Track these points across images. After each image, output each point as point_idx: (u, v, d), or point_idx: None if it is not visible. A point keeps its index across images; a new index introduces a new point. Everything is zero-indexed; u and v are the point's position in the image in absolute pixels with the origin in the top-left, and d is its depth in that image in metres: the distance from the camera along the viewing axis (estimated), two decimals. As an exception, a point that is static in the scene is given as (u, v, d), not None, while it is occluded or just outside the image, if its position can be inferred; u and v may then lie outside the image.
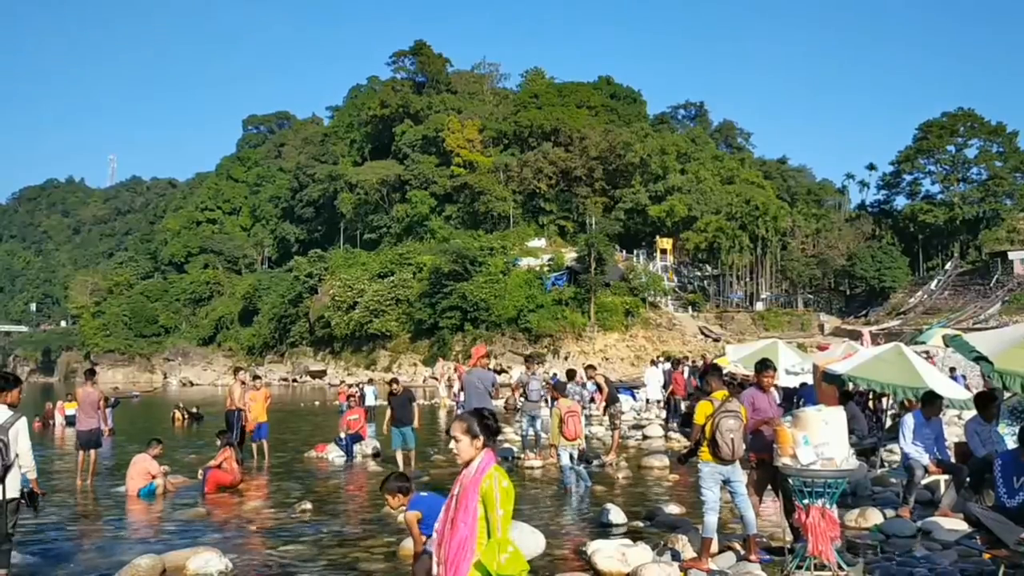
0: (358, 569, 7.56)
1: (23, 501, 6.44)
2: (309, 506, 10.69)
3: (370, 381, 36.89)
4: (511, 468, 14.01)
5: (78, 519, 10.66)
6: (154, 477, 12.26)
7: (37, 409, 28.69)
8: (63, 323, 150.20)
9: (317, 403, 41.24)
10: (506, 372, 44.56)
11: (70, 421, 24.15)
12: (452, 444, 3.92)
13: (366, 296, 78.07)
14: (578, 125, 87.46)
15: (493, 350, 55.68)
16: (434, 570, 3.89)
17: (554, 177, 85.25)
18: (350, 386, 32.51)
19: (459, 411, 28.27)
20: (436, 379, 54.69)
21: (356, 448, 16.38)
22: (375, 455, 16.51)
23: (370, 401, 25.20)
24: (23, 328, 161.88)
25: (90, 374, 15.30)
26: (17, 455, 6.30)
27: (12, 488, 6.26)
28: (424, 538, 5.71)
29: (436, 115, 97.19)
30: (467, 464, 3.87)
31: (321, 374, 79.35)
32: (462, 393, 17.47)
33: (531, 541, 7.68)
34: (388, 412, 14.75)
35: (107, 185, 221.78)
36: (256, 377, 18.10)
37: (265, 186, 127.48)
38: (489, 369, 13.71)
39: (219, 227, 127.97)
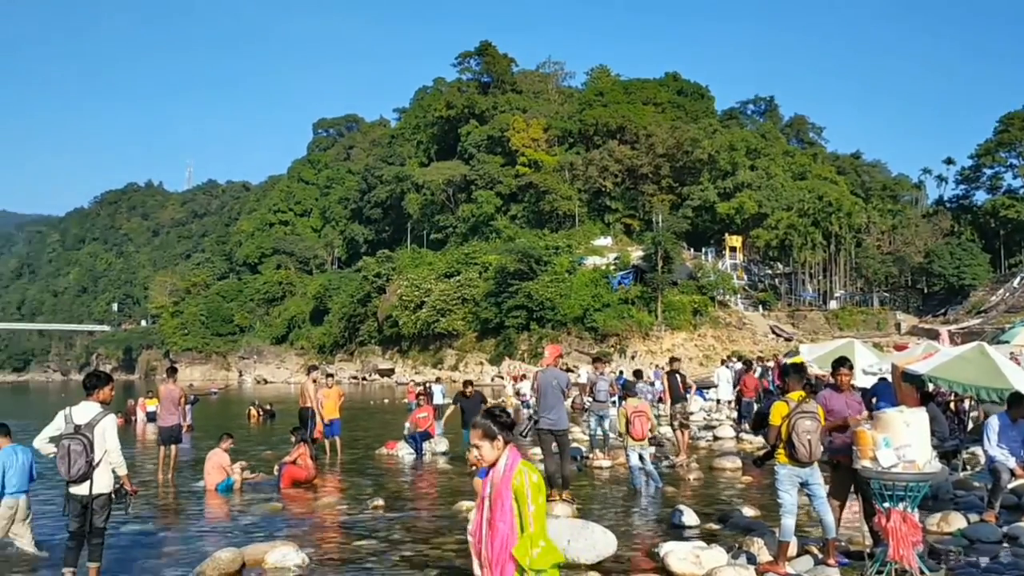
0: (431, 565, 7.63)
1: (112, 497, 6.61)
2: (381, 502, 10.83)
3: (437, 380, 37.17)
4: (580, 468, 13.97)
5: (160, 512, 11.00)
6: (229, 471, 12.57)
7: (119, 406, 29.72)
8: (143, 322, 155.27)
9: (386, 401, 41.78)
10: (573, 372, 44.38)
11: (151, 417, 24.96)
12: (474, 452, 3.95)
13: (433, 295, 78.71)
14: (644, 122, 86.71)
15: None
16: (476, 572, 3.90)
17: (620, 175, 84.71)
18: (418, 384, 32.85)
19: (525, 411, 28.31)
20: (502, 378, 54.94)
21: (425, 446, 16.53)
22: (444, 453, 16.66)
23: (438, 400, 25.35)
24: (106, 327, 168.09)
25: (172, 372, 15.79)
26: (106, 451, 6.46)
27: (100, 484, 6.45)
28: None
29: (501, 115, 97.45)
30: (493, 465, 3.88)
31: (389, 372, 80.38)
32: (532, 392, 17.48)
33: (602, 541, 7.64)
34: (452, 409, 14.91)
35: (184, 189, 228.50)
36: (329, 375, 18.42)
37: (335, 188, 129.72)
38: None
39: (291, 228, 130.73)
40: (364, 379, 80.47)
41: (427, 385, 29.53)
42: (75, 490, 6.41)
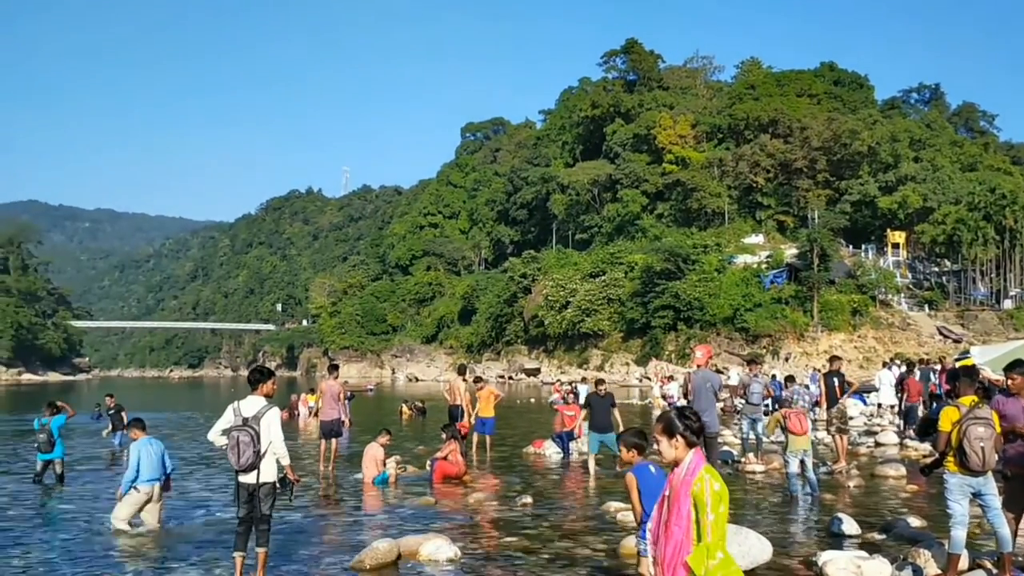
0: (580, 564, 7.64)
1: (277, 486, 6.99)
2: (530, 500, 10.95)
3: (583, 380, 37.20)
4: (732, 473, 13.63)
5: (321, 503, 11.57)
6: (380, 466, 13.04)
7: (283, 401, 31.45)
8: (304, 322, 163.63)
9: (532, 400, 42.12)
10: (723, 373, 43.33)
11: (312, 412, 26.24)
12: (655, 445, 3.91)
13: (578, 295, 78.81)
14: (798, 115, 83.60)
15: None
16: (651, 569, 3.89)
17: (772, 170, 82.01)
18: (564, 384, 33.03)
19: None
20: (649, 379, 54.31)
21: (572, 446, 16.56)
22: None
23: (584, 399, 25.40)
24: (271, 326, 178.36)
25: (333, 369, 16.55)
26: (270, 442, 6.80)
27: (266, 473, 6.83)
28: (640, 507, 5.66)
29: (648, 112, 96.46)
30: (675, 465, 3.83)
31: (535, 372, 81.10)
32: (681, 394, 17.17)
33: (757, 548, 7.43)
34: (584, 412, 14.70)
35: (341, 194, 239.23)
36: (478, 379, 18.71)
37: (482, 190, 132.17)
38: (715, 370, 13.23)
39: (440, 231, 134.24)
40: (510, 378, 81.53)
41: (573, 385, 29.61)
42: (243, 479, 6.80)
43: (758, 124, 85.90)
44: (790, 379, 13.79)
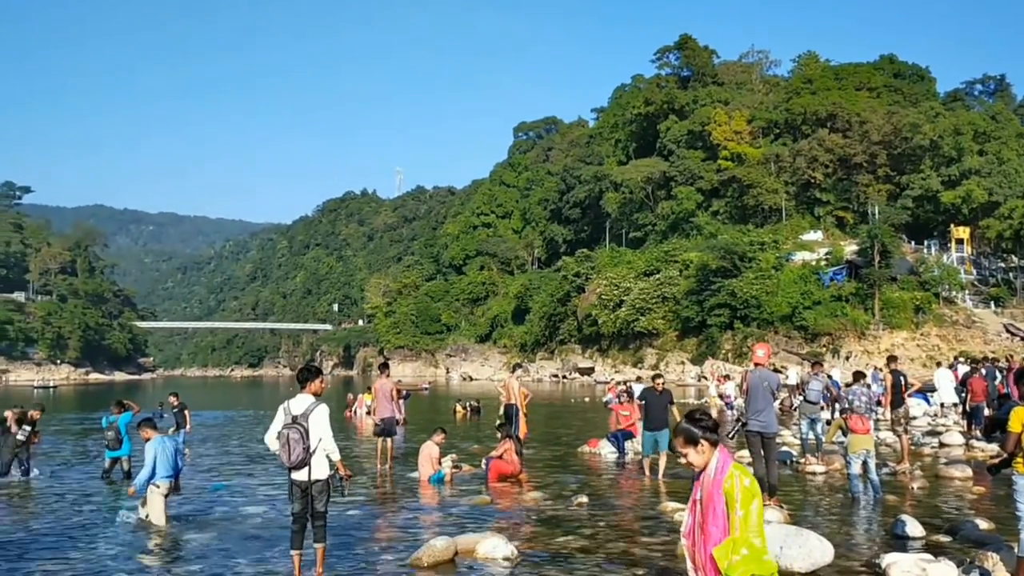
0: (637, 564, 7.62)
1: (330, 482, 7.10)
2: (585, 499, 10.93)
3: (638, 379, 36.97)
4: (791, 473, 13.43)
5: (378, 501, 11.72)
6: (435, 465, 13.16)
7: (340, 400, 31.91)
8: (360, 322, 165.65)
9: (587, 399, 42.04)
10: (781, 372, 42.73)
11: (369, 411, 26.58)
12: (681, 460, 3.91)
13: (632, 294, 78.35)
14: (857, 108, 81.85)
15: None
16: (690, 574, 3.89)
17: (831, 165, 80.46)
18: (619, 383, 32.86)
19: (730, 412, 27.57)
20: (706, 379, 53.75)
21: (628, 445, 16.50)
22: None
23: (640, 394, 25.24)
24: (327, 326, 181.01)
25: (384, 367, 16.75)
26: (320, 439, 6.87)
27: (318, 470, 6.93)
28: None
29: (702, 108, 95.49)
30: (703, 469, 3.84)
31: (589, 371, 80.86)
32: (737, 393, 16.96)
33: (818, 549, 7.32)
34: (636, 407, 14.53)
35: (395, 195, 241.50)
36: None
37: (534, 189, 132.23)
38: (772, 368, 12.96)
39: (493, 230, 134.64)
40: (564, 377, 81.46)
41: (628, 384, 29.46)
42: (296, 476, 6.91)
43: (816, 119, 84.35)
44: (858, 375, 13.35)
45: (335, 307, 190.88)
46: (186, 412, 19.93)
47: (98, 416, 27.02)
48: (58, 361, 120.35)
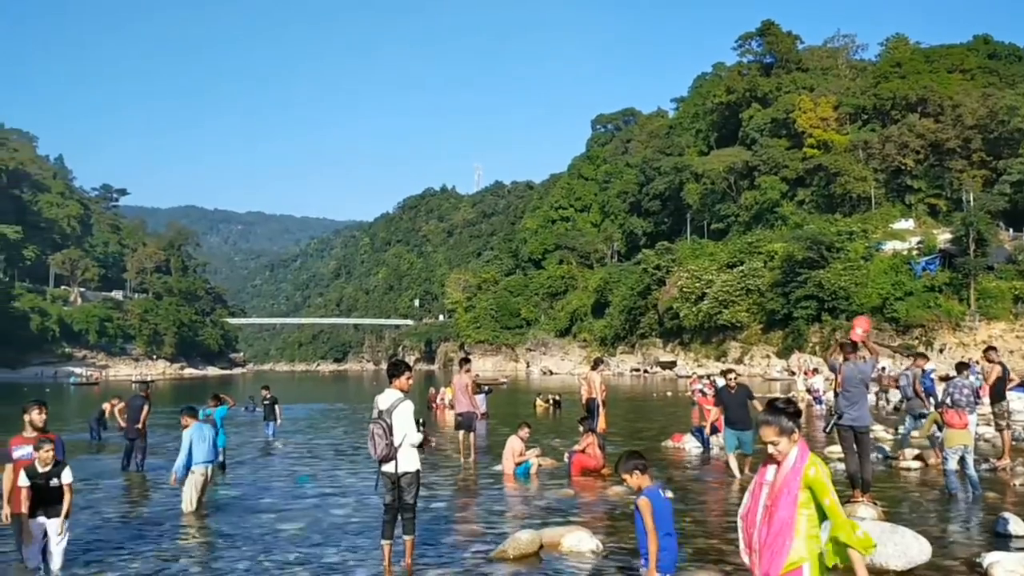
0: (725, 561, 7.47)
1: (419, 473, 7.17)
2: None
3: (722, 373, 36.43)
4: (885, 469, 13.00)
5: (463, 493, 11.80)
6: (515, 457, 13.18)
7: (422, 394, 32.34)
8: (441, 317, 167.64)
9: (669, 394, 41.58)
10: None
11: (448, 405, 26.87)
12: (770, 449, 3.88)
13: (715, 287, 77.23)
14: (950, 92, 78.70)
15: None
16: (744, 559, 3.89)
17: (922, 151, 77.57)
18: (701, 377, 32.40)
19: (818, 407, 26.85)
20: (792, 373, 52.50)
21: (712, 440, 16.22)
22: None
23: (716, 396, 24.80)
24: (409, 322, 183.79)
25: (463, 362, 16.87)
26: (404, 435, 6.97)
27: (405, 463, 7.02)
28: (655, 533, 5.32)
29: (786, 96, 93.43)
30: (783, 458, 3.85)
31: (671, 365, 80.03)
32: (827, 387, 16.50)
33: (915, 547, 7.06)
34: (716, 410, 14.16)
35: (474, 191, 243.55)
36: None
37: (613, 182, 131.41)
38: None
39: (572, 224, 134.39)
40: (645, 372, 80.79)
41: (712, 377, 28.99)
42: (385, 468, 7.04)
43: (905, 103, 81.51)
44: (962, 367, 12.73)
45: (416, 303, 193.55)
46: (276, 406, 20.47)
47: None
48: (154, 357, 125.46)
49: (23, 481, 6.97)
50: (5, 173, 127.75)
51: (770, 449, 3.90)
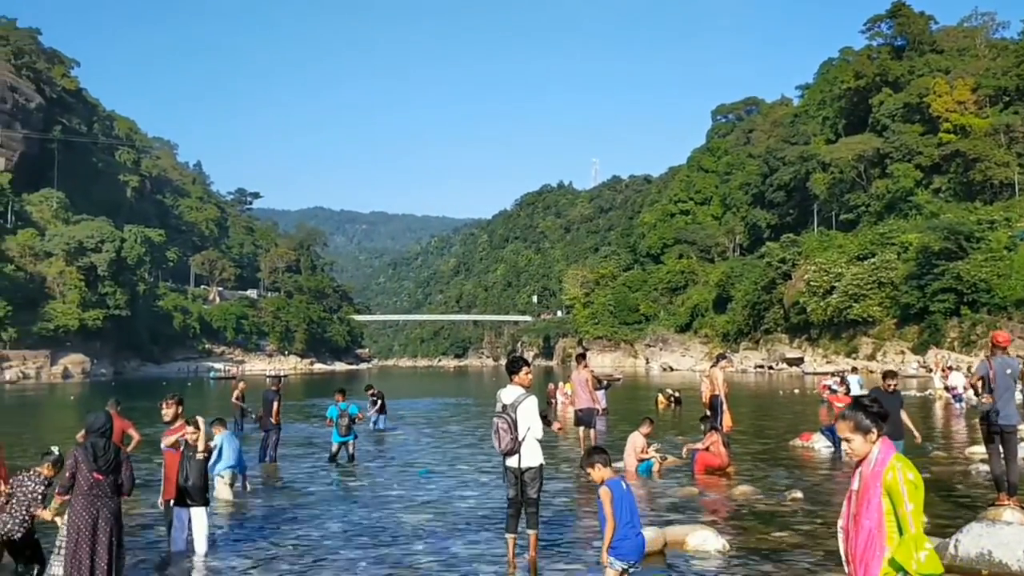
0: (858, 565, 7.20)
1: (543, 466, 7.22)
2: (800, 495, 10.47)
3: (854, 370, 34.94)
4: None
5: (584, 489, 11.79)
6: (638, 454, 13.06)
7: (541, 389, 32.51)
8: (559, 313, 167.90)
9: (796, 391, 40.33)
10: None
11: (568, 400, 26.92)
12: (844, 446, 3.70)
13: (844, 280, 74.39)
14: (1103, 68, 73.01)
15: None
16: (847, 570, 3.77)
17: (1073, 133, 72.34)
18: (831, 375, 31.28)
19: (957, 405, 25.41)
20: (929, 370, 49.90)
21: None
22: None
23: (855, 391, 23.86)
24: (527, 318, 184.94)
25: (580, 358, 16.84)
26: (528, 429, 7.04)
27: (528, 458, 7.07)
28: (614, 521, 5.85)
29: (919, 79, 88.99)
30: (863, 458, 3.65)
31: (798, 361, 77.43)
32: (966, 384, 15.59)
33: None
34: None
35: (591, 186, 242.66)
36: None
37: (735, 174, 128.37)
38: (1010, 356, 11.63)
39: (691, 218, 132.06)
40: (770, 368, 78.49)
41: (842, 374, 27.93)
42: (509, 462, 7.13)
43: (1054, 82, 76.17)
44: None
45: (534, 299, 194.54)
46: (381, 402, 21.68)
47: (312, 404, 29.43)
48: (286, 352, 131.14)
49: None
50: (149, 180, 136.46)
51: (843, 446, 3.77)
